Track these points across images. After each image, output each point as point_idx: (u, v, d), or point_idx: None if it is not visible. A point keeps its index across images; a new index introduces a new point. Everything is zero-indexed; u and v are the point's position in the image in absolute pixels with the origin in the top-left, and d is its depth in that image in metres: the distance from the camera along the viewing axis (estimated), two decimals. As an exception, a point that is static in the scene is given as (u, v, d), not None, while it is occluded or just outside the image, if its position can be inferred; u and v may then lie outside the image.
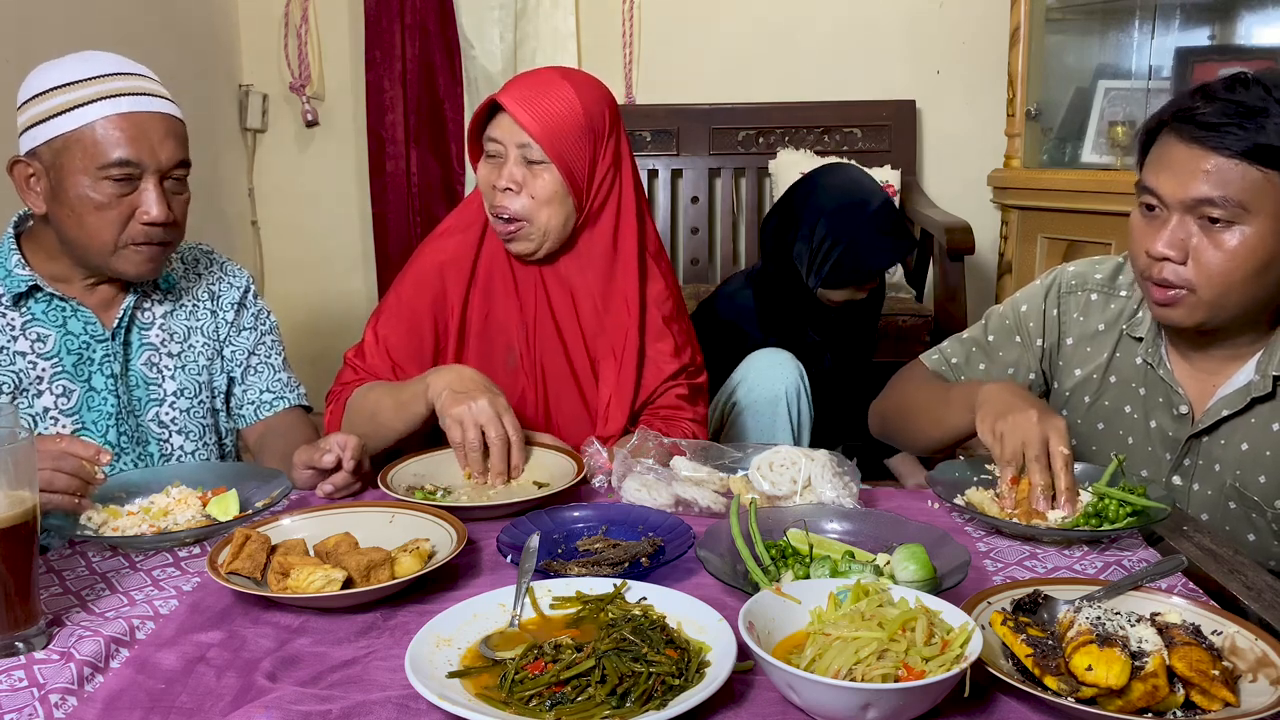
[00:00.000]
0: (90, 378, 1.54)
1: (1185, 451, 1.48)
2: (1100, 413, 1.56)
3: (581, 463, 1.48)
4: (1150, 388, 1.51)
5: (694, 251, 3.66)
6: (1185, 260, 1.34)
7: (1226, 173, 1.29)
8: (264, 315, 1.74)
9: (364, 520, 1.26)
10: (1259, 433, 1.42)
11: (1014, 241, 3.29)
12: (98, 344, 1.54)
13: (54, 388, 1.51)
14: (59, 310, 1.53)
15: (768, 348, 2.00)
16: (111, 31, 3.04)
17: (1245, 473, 1.43)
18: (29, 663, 0.97)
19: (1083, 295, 1.59)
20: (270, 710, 0.89)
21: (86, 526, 1.27)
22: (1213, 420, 1.44)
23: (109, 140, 1.43)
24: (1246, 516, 1.45)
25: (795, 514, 1.26)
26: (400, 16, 3.68)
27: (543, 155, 1.57)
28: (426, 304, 1.69)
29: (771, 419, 1.92)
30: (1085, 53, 3.41)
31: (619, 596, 1.04)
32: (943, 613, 0.94)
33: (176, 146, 1.49)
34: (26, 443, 0.99)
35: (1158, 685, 0.87)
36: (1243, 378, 1.43)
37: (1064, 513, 1.29)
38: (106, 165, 1.43)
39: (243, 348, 1.70)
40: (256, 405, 1.70)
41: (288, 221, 3.96)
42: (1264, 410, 1.42)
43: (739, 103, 3.64)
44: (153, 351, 1.60)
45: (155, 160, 1.45)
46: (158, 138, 1.46)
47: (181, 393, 1.62)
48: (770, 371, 1.94)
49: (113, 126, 1.43)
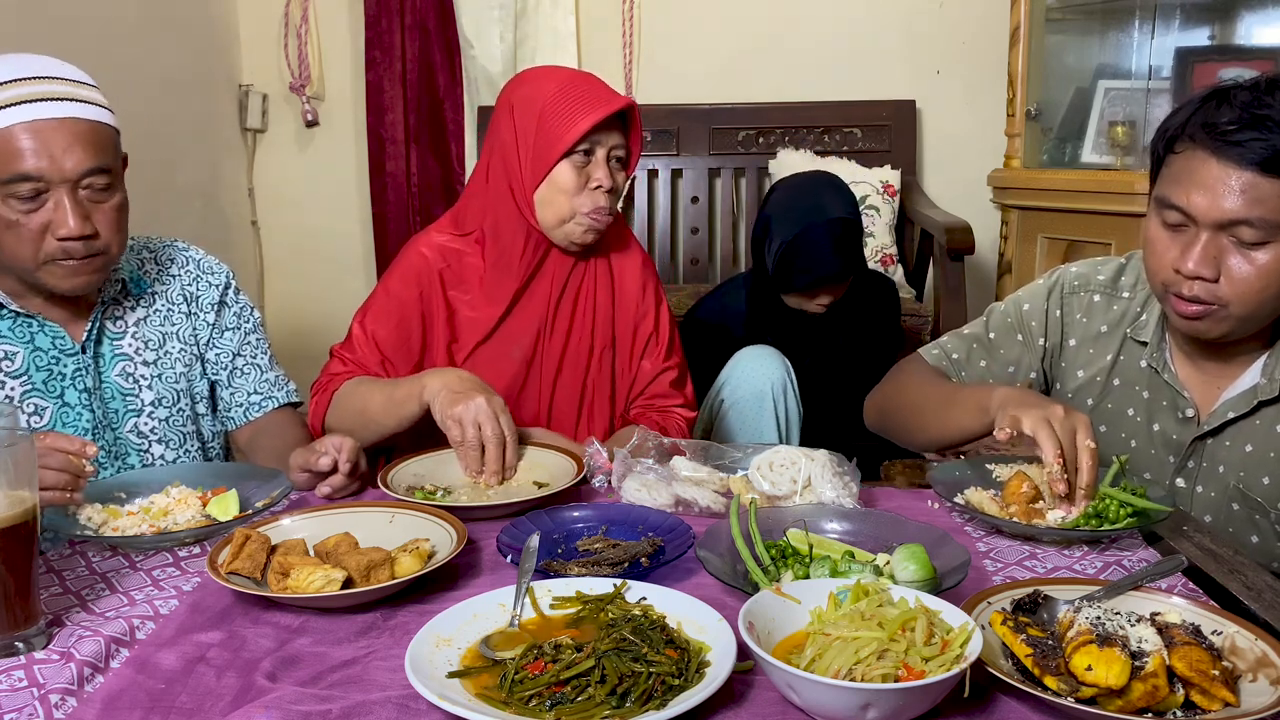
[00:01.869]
0: (63, 393, 1.48)
1: (1189, 454, 1.48)
2: (1103, 415, 1.56)
3: (581, 463, 1.48)
4: (1154, 391, 1.51)
5: (694, 251, 3.66)
6: (1217, 278, 1.32)
7: (1260, 191, 1.27)
8: (247, 312, 1.68)
9: (364, 520, 1.26)
10: (1264, 435, 1.42)
11: (1014, 241, 3.29)
12: (68, 358, 1.48)
13: (25, 406, 1.45)
14: (24, 326, 1.46)
15: (755, 345, 2.01)
16: (111, 31, 3.04)
17: (1249, 475, 1.43)
18: (29, 663, 0.97)
19: (1085, 296, 1.58)
20: (270, 710, 0.89)
21: (87, 526, 1.27)
22: (1218, 423, 1.44)
23: (10, 153, 1.33)
24: (1250, 518, 1.45)
25: (795, 514, 1.26)
26: (400, 16, 3.68)
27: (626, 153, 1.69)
28: (414, 299, 1.70)
29: (758, 415, 1.93)
30: (1085, 53, 3.41)
31: (619, 596, 1.04)
32: (943, 613, 0.94)
33: (87, 154, 1.36)
34: (26, 443, 0.99)
35: (1158, 685, 0.87)
36: (1248, 380, 1.43)
37: (1064, 513, 1.29)
38: (7, 180, 1.33)
39: (227, 350, 1.65)
40: (245, 407, 1.66)
41: (288, 221, 3.96)
42: (1269, 413, 1.42)
43: (739, 103, 3.64)
44: (126, 362, 1.54)
45: (59, 171, 1.35)
46: (61, 146, 1.34)
47: (160, 402, 1.57)
48: (756, 368, 1.94)
49: (15, 138, 1.33)
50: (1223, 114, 1.29)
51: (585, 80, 1.67)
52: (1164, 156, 1.38)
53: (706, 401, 2.00)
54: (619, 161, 1.68)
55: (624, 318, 1.78)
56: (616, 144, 1.66)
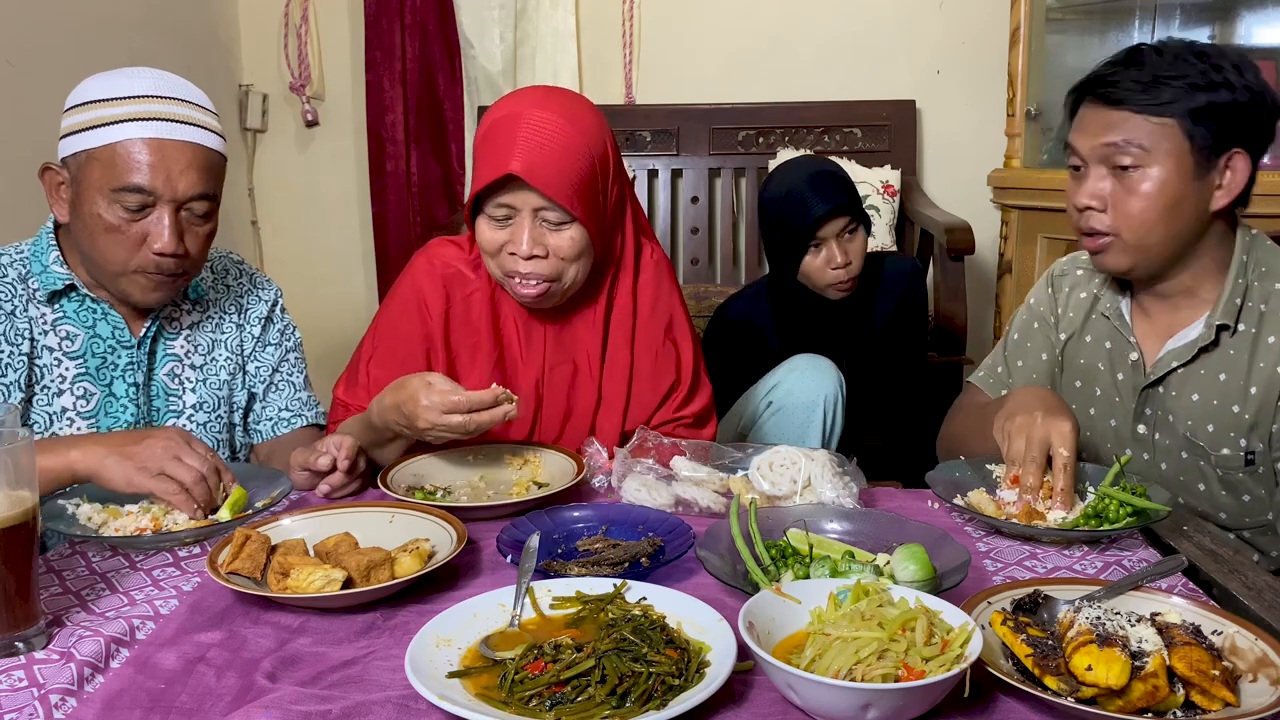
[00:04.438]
0: (112, 383, 1.53)
1: (1143, 402, 1.56)
2: (1078, 370, 1.65)
3: (581, 463, 1.48)
4: (1114, 340, 1.61)
5: (694, 251, 3.66)
6: (1106, 209, 1.48)
7: (1127, 122, 1.45)
8: (290, 331, 1.72)
9: (364, 520, 1.26)
10: (1207, 383, 1.51)
11: (1014, 241, 3.29)
12: (123, 350, 1.53)
13: (75, 389, 1.51)
14: (90, 311, 1.52)
15: (810, 354, 2.00)
16: (112, 31, 3.04)
17: (1196, 423, 1.51)
18: (29, 663, 0.97)
19: (1072, 274, 1.70)
20: (270, 710, 0.89)
21: (87, 527, 1.27)
22: (1163, 371, 1.53)
23: (128, 164, 1.40)
24: (1196, 465, 1.53)
25: (795, 514, 1.26)
26: (400, 16, 3.68)
27: (565, 216, 1.48)
28: (418, 339, 1.61)
29: (805, 424, 1.92)
30: (1085, 53, 3.41)
31: (619, 596, 1.04)
32: (943, 613, 0.94)
33: (199, 179, 1.44)
34: (26, 443, 0.99)
35: (1158, 685, 0.87)
36: (1193, 331, 1.52)
37: (1064, 513, 1.29)
38: (120, 189, 1.40)
39: (267, 364, 1.68)
40: (274, 422, 1.68)
41: (287, 221, 3.96)
42: (1210, 361, 1.50)
43: (739, 103, 3.64)
44: (176, 362, 1.59)
45: (171, 190, 1.42)
46: (179, 168, 1.42)
47: (200, 406, 1.60)
48: (811, 377, 1.93)
49: (135, 151, 1.40)
50: (1105, 74, 1.49)
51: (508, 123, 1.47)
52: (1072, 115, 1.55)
53: (751, 401, 1.99)
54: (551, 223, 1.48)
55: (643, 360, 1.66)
56: (540, 205, 1.47)
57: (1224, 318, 1.48)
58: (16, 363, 1.47)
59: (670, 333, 1.68)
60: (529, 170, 1.44)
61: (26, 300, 1.49)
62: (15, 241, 1.54)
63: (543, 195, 1.45)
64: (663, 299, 1.67)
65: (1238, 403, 1.48)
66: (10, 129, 2.59)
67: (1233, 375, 1.49)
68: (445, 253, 1.64)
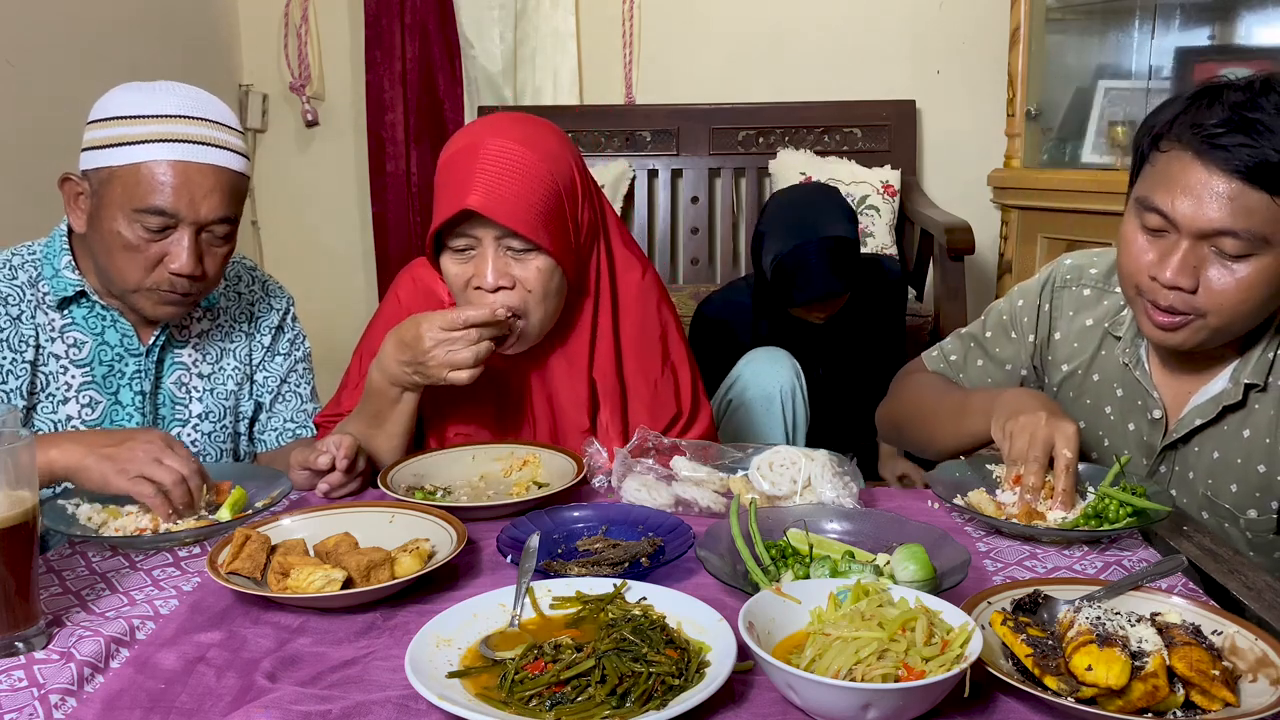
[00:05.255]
0: (118, 391, 1.52)
1: (1160, 459, 1.46)
2: (1081, 410, 1.54)
3: (581, 463, 1.48)
4: (1128, 388, 1.49)
5: (694, 251, 3.66)
6: (1195, 289, 1.28)
7: (1247, 201, 1.22)
8: (300, 341, 1.71)
9: (364, 520, 1.26)
10: (1230, 441, 1.40)
11: (1014, 241, 3.29)
12: (131, 358, 1.53)
13: (81, 397, 1.50)
14: (99, 319, 1.51)
15: (766, 346, 2.01)
16: (112, 32, 3.04)
17: (1217, 482, 1.41)
18: (29, 663, 0.97)
19: (1076, 290, 1.56)
20: (270, 710, 0.89)
21: (87, 527, 1.27)
22: (1186, 430, 1.41)
23: (151, 185, 1.39)
24: (1220, 526, 1.43)
25: (795, 514, 1.26)
26: (400, 16, 3.68)
27: (529, 244, 1.41)
28: None
29: (765, 416, 1.92)
30: (1085, 53, 3.42)
31: (619, 596, 1.04)
32: (943, 613, 0.94)
33: (221, 202, 1.43)
34: (26, 443, 0.99)
35: (1158, 685, 0.87)
36: (1217, 386, 1.40)
37: (1064, 513, 1.29)
38: (142, 210, 1.39)
39: (275, 374, 1.67)
40: (280, 432, 1.68)
41: (288, 221, 3.96)
42: (1235, 418, 1.39)
43: (739, 103, 3.64)
44: (183, 371, 1.58)
45: (194, 213, 1.41)
46: (202, 191, 1.41)
47: (206, 415, 1.60)
48: (766, 370, 1.93)
49: (159, 172, 1.39)
50: (1212, 114, 1.23)
51: (466, 155, 1.41)
52: (1148, 154, 1.33)
53: (715, 399, 2.00)
54: (516, 251, 1.42)
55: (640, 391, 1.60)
56: (501, 234, 1.41)
57: (1254, 376, 1.36)
58: (19, 370, 1.46)
59: (669, 359, 1.61)
60: (487, 204, 1.38)
61: (35, 305, 1.49)
62: (15, 242, 1.54)
63: (505, 226, 1.39)
64: (650, 325, 1.59)
65: (1263, 462, 1.36)
66: (10, 129, 2.59)
67: (1257, 432, 1.37)
68: (427, 275, 1.60)
